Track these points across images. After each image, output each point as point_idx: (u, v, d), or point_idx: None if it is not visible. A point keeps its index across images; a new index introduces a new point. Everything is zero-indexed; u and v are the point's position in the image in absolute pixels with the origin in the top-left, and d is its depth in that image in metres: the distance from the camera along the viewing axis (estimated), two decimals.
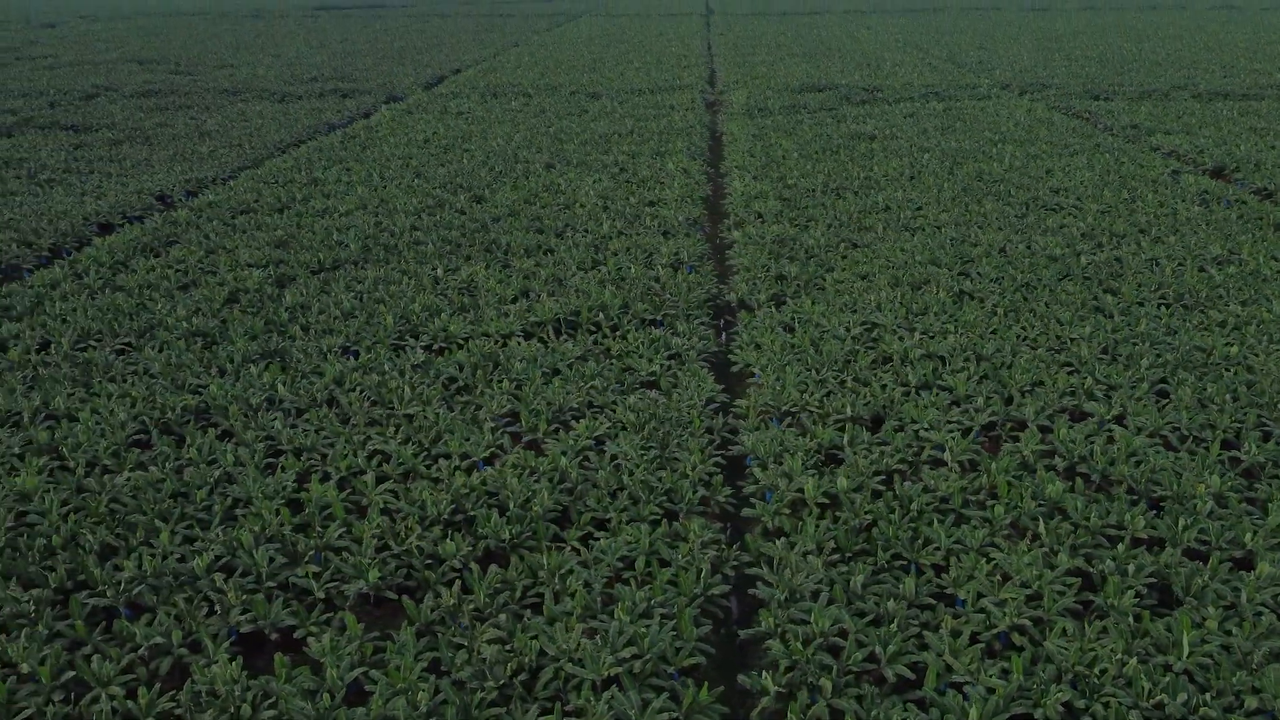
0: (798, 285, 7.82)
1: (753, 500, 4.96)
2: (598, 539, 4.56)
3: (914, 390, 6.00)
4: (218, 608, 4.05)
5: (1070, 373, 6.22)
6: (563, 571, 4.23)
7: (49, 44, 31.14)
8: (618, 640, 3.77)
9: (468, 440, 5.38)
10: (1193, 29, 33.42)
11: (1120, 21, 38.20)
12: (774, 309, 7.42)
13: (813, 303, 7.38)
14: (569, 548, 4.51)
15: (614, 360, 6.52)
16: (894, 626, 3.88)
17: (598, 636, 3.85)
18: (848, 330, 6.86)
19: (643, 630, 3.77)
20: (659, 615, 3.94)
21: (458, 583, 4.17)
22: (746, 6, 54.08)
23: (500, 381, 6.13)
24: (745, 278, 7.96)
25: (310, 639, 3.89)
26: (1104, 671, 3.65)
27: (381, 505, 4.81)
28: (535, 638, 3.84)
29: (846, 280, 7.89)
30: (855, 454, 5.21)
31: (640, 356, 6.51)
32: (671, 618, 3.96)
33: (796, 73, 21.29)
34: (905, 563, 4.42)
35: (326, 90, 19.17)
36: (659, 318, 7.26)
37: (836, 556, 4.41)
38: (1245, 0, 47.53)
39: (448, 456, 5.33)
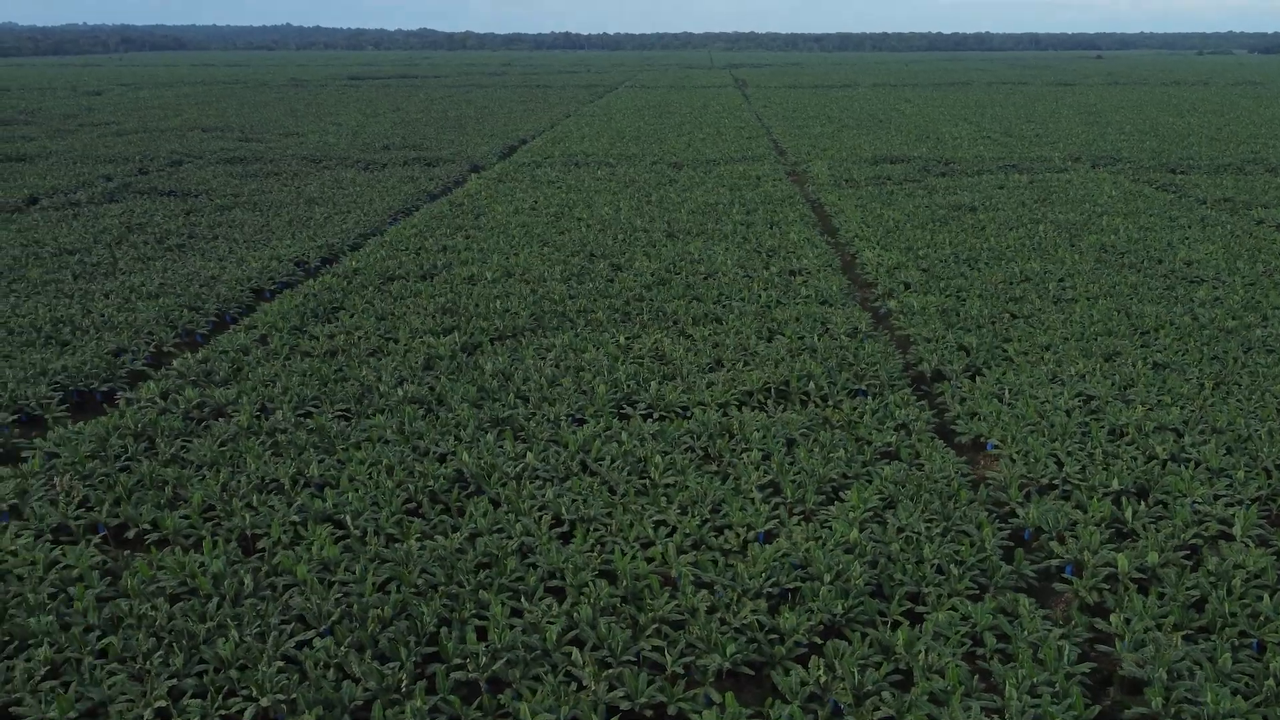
0: (984, 355, 7.85)
1: (1064, 574, 4.92)
2: (921, 614, 4.53)
3: (1164, 463, 5.99)
4: (589, 683, 3.98)
5: None
6: (920, 649, 4.17)
7: (105, 111, 31.66)
8: None
9: (742, 510, 5.35)
10: (1226, 104, 34.13)
11: (1150, 96, 39.02)
12: (970, 379, 7.44)
13: (1015, 373, 7.41)
14: (902, 623, 4.45)
15: (837, 430, 6.52)
16: None
17: (995, 716, 3.78)
18: (1065, 401, 6.87)
19: (1050, 708, 3.71)
20: (1047, 694, 3.87)
21: (816, 659, 4.10)
22: (772, 80, 55.25)
23: (748, 450, 6.12)
24: (929, 348, 7.99)
25: (694, 716, 3.83)
26: None
27: (691, 577, 4.76)
28: (931, 717, 3.77)
29: (1032, 351, 7.93)
30: (1145, 529, 5.19)
31: (867, 427, 6.51)
32: (1059, 697, 3.90)
33: (863, 145, 21.66)
34: (1252, 640, 4.37)
35: (409, 159, 19.47)
36: (863, 387, 7.27)
37: (1180, 634, 4.37)
38: (1264, 76, 48.66)
39: (729, 527, 5.29)
